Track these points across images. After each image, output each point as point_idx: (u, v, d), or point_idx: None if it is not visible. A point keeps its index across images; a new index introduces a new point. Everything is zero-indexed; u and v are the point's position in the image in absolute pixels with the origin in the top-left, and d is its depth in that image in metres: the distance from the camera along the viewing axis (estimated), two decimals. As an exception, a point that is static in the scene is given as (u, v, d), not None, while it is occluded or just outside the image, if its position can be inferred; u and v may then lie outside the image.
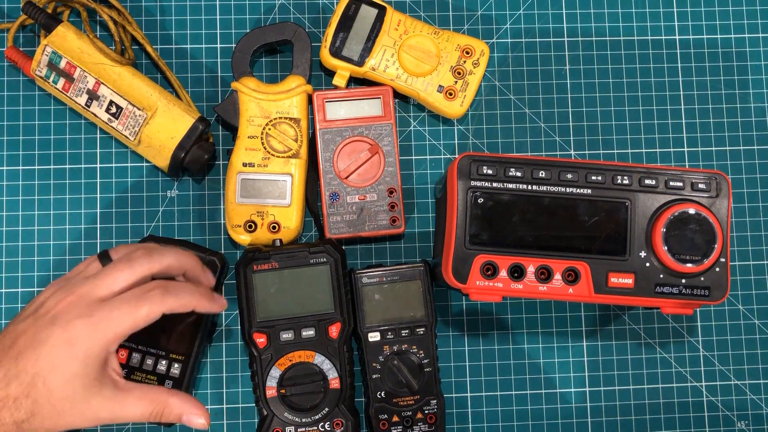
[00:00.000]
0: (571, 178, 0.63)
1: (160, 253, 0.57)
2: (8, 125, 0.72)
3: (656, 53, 0.76)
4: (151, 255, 0.57)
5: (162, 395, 0.56)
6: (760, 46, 0.77)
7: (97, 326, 0.53)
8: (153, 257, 0.56)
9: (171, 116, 0.68)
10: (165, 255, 0.57)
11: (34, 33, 0.73)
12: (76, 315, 0.53)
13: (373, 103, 0.71)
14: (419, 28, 0.72)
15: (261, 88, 0.70)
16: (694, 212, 0.62)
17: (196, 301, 0.57)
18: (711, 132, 0.76)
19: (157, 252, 0.57)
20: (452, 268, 0.62)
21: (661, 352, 0.73)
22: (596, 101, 0.75)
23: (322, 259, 0.66)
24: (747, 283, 0.74)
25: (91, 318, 0.53)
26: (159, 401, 0.56)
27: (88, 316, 0.53)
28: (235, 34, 0.74)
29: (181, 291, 0.57)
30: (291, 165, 0.69)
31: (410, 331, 0.67)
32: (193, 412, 0.57)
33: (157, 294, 0.55)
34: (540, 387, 0.72)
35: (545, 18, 0.76)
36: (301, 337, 0.66)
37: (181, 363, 0.65)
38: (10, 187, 0.71)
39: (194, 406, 0.57)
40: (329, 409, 0.65)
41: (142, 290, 0.55)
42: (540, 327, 0.73)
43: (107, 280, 0.55)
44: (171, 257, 0.58)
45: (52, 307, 0.54)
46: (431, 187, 0.74)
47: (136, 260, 0.56)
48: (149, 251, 0.57)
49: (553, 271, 0.62)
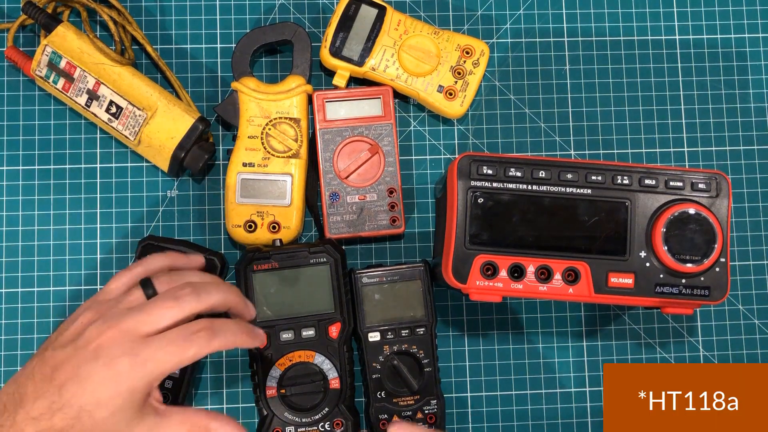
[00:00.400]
0: (571, 178, 0.63)
1: (207, 292, 0.56)
2: (8, 125, 0.72)
3: (656, 53, 0.76)
4: (199, 295, 0.55)
5: (202, 420, 0.56)
6: (760, 46, 0.77)
7: (144, 366, 0.52)
8: (201, 297, 0.55)
9: (171, 116, 0.68)
10: (212, 294, 0.56)
11: (34, 33, 0.73)
12: (121, 352, 0.52)
13: (373, 103, 0.71)
14: (419, 28, 0.72)
15: (261, 88, 0.70)
16: (694, 212, 0.62)
17: (240, 340, 0.57)
18: (711, 132, 0.76)
19: (205, 291, 0.56)
20: (452, 268, 0.62)
21: (661, 352, 0.73)
22: (596, 101, 0.75)
23: (322, 259, 0.66)
24: (747, 283, 0.74)
25: (137, 357, 0.52)
26: (200, 426, 0.55)
27: (133, 355, 0.52)
28: (235, 34, 0.74)
29: (227, 331, 0.56)
30: (291, 165, 0.69)
31: (410, 331, 0.67)
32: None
33: (204, 336, 0.54)
34: (540, 387, 0.72)
35: (545, 18, 0.76)
36: (301, 337, 0.66)
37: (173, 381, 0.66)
38: (10, 187, 0.71)
39: (234, 427, 0.56)
40: (329, 409, 0.65)
41: (189, 331, 0.54)
42: (540, 327, 0.73)
43: (153, 317, 0.54)
44: (217, 296, 0.57)
45: (94, 338, 0.53)
46: (431, 187, 0.74)
47: (183, 298, 0.54)
48: (197, 290, 0.55)
49: (553, 271, 0.62)
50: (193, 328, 0.54)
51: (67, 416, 0.51)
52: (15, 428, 0.51)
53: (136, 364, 0.52)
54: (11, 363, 0.70)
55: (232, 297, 0.58)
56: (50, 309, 0.70)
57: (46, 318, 0.70)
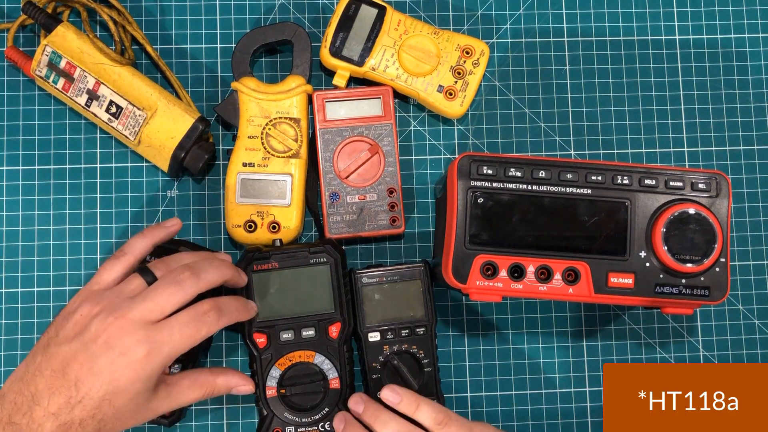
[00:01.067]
0: (571, 178, 0.63)
1: (205, 272, 0.59)
2: (8, 125, 0.72)
3: (656, 53, 0.76)
4: (198, 276, 0.58)
5: (209, 378, 0.60)
6: (760, 46, 0.77)
7: (159, 350, 0.55)
8: (200, 278, 0.58)
9: (171, 116, 0.68)
10: (209, 272, 0.59)
11: (34, 33, 0.73)
12: (134, 341, 0.54)
13: (373, 103, 0.71)
14: (419, 28, 0.72)
15: (261, 88, 0.70)
16: (694, 212, 0.62)
17: (242, 316, 0.62)
18: (711, 132, 0.76)
19: (203, 271, 0.59)
20: (452, 268, 0.62)
21: (661, 352, 0.73)
22: (596, 101, 0.75)
23: (322, 259, 0.66)
24: (747, 283, 0.74)
25: (151, 343, 0.55)
26: (207, 384, 0.60)
27: (147, 342, 0.54)
28: (235, 34, 0.74)
29: (231, 309, 0.60)
30: (291, 165, 0.69)
31: (410, 331, 0.67)
32: (240, 383, 0.62)
33: (213, 316, 0.58)
34: (540, 387, 0.72)
35: (545, 18, 0.76)
36: (301, 337, 0.66)
37: (181, 363, 0.65)
38: (10, 187, 0.71)
39: (239, 377, 0.62)
40: (329, 409, 0.65)
41: (198, 312, 0.57)
42: (540, 327, 0.73)
43: (158, 304, 0.56)
44: (215, 273, 0.60)
45: (102, 331, 0.54)
46: (431, 187, 0.74)
47: (184, 282, 0.57)
48: (195, 272, 0.58)
49: (553, 271, 0.62)
50: (202, 309, 0.57)
51: (87, 408, 0.53)
52: (34, 425, 0.53)
53: (152, 351, 0.54)
54: (11, 363, 0.70)
55: (226, 270, 0.61)
56: (50, 309, 0.70)
57: (46, 318, 0.70)
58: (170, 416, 0.66)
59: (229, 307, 0.60)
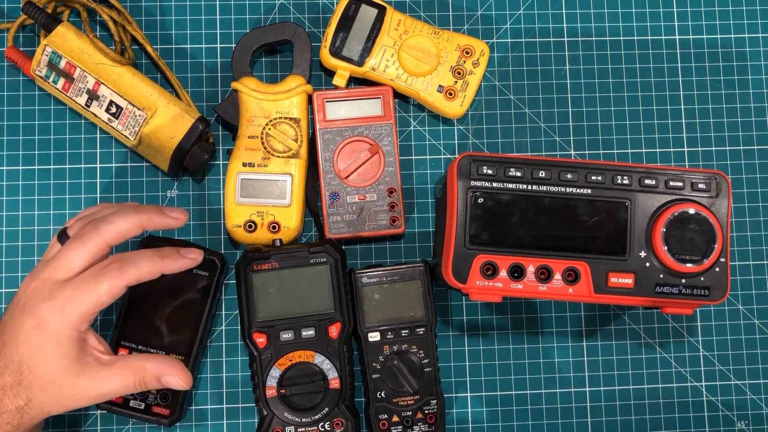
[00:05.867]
0: (571, 178, 0.63)
1: (107, 223, 0.56)
2: (8, 125, 0.72)
3: (656, 53, 0.76)
4: (99, 227, 0.56)
5: (139, 362, 0.56)
6: (760, 46, 0.77)
7: (62, 308, 0.54)
8: (101, 229, 0.56)
9: (171, 116, 0.68)
10: (114, 222, 0.56)
11: (34, 33, 0.73)
12: (40, 299, 0.54)
13: (373, 103, 0.71)
14: (419, 28, 0.72)
15: (261, 88, 0.70)
16: (694, 212, 0.62)
17: (159, 266, 0.56)
18: (711, 132, 0.76)
19: (105, 222, 0.56)
20: (452, 268, 0.62)
21: (661, 352, 0.73)
22: (596, 101, 0.75)
23: (322, 259, 0.66)
24: (747, 283, 0.74)
25: (55, 300, 0.54)
26: (137, 368, 0.56)
27: (51, 299, 0.54)
28: (235, 34, 0.74)
29: (140, 259, 0.55)
30: (291, 165, 0.69)
31: (410, 331, 0.67)
32: (169, 372, 0.56)
33: (115, 268, 0.55)
34: (540, 387, 0.72)
35: (545, 18, 0.76)
36: (301, 337, 0.66)
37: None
38: (10, 187, 0.71)
39: (170, 366, 0.56)
40: (329, 409, 0.65)
41: (100, 267, 0.55)
42: (540, 327, 0.73)
43: (63, 261, 0.56)
44: (120, 222, 0.56)
45: (23, 295, 0.56)
46: (431, 187, 0.74)
47: (85, 236, 0.56)
48: (96, 224, 0.56)
49: (553, 271, 0.62)
50: (104, 263, 0.55)
51: (12, 372, 0.54)
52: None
53: (54, 308, 0.54)
54: (11, 363, 0.70)
55: (140, 216, 0.57)
56: (50, 309, 0.70)
57: (46, 318, 0.70)
58: (170, 416, 0.66)
59: (137, 259, 0.55)
